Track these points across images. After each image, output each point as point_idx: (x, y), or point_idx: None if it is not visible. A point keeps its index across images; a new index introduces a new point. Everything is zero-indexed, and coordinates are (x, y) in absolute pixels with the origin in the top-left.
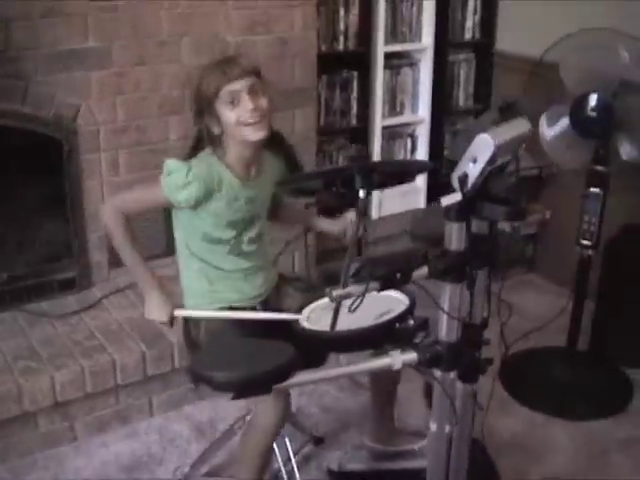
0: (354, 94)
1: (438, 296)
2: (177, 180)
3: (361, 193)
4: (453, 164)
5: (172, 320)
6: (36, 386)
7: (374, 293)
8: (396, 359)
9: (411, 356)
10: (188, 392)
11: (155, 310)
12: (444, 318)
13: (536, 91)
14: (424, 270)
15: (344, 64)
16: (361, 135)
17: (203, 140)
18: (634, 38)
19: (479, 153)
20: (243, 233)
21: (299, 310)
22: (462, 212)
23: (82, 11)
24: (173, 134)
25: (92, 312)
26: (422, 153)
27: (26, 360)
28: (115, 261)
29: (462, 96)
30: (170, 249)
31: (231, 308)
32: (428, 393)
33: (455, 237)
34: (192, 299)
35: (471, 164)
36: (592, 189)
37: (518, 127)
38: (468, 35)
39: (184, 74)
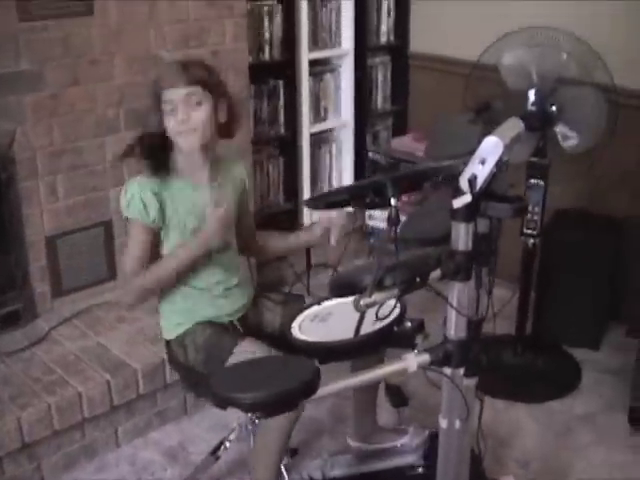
0: (281, 102)
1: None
2: (137, 201)
3: (392, 201)
4: (380, 166)
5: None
6: (3, 429)
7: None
8: (411, 362)
9: (424, 357)
10: (152, 418)
11: (210, 240)
12: (453, 316)
13: (477, 92)
14: (437, 272)
15: (270, 73)
16: (290, 143)
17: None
18: (571, 35)
19: (488, 155)
20: None
21: (287, 322)
22: (470, 213)
23: (12, 32)
24: (110, 155)
25: (43, 345)
26: (347, 157)
27: None
28: (57, 290)
29: (380, 99)
30: (112, 273)
31: (210, 323)
32: (391, 392)
33: (462, 237)
34: (172, 319)
35: (480, 166)
36: (533, 180)
37: (515, 127)
38: (384, 39)
39: (118, 93)
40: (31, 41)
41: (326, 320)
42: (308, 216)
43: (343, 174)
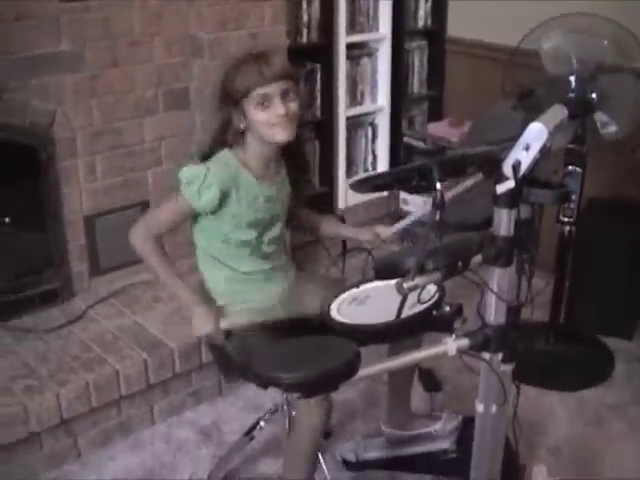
0: (317, 86)
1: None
2: (197, 187)
3: (438, 185)
4: (417, 150)
5: (221, 331)
6: (42, 405)
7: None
8: (450, 346)
9: (463, 342)
10: (187, 397)
11: (202, 324)
12: (492, 302)
13: (516, 78)
14: (478, 257)
15: (307, 57)
16: (326, 127)
17: (226, 132)
18: (612, 21)
19: (532, 141)
20: (264, 234)
21: (326, 305)
22: (513, 198)
23: (54, 13)
24: (148, 135)
25: (81, 324)
26: (383, 141)
27: (25, 379)
28: (95, 269)
29: (416, 83)
30: None
31: (251, 310)
32: (424, 376)
33: (504, 223)
34: (219, 301)
35: (524, 152)
36: (571, 167)
37: (559, 113)
38: (421, 23)
39: (157, 74)
40: (72, 22)
41: (364, 303)
42: (343, 200)
43: (378, 158)
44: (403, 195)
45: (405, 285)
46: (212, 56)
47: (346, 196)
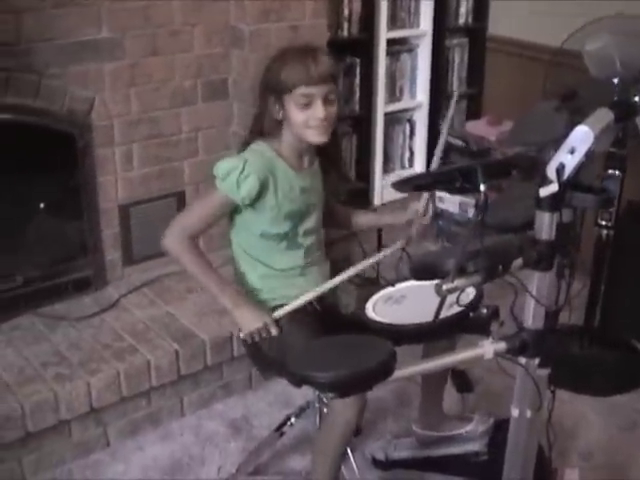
0: (356, 80)
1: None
2: (235, 178)
3: (482, 187)
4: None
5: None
6: (72, 393)
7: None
8: (487, 349)
9: (500, 345)
10: (217, 390)
11: (253, 320)
12: (531, 306)
13: (558, 78)
14: (519, 261)
15: (347, 51)
16: (364, 122)
17: (263, 120)
18: None
19: (578, 144)
20: (299, 225)
21: (362, 303)
22: (555, 202)
23: (94, 1)
24: (185, 126)
25: (113, 312)
26: (420, 138)
27: (56, 366)
28: (128, 258)
29: (456, 81)
30: None
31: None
32: (456, 377)
33: (546, 227)
34: (252, 295)
35: (569, 155)
36: (611, 171)
37: (605, 117)
38: (462, 20)
39: (196, 64)
40: (113, 10)
41: (400, 302)
42: (379, 196)
43: (415, 155)
44: (439, 193)
45: (444, 287)
46: (252, 48)
47: (382, 192)
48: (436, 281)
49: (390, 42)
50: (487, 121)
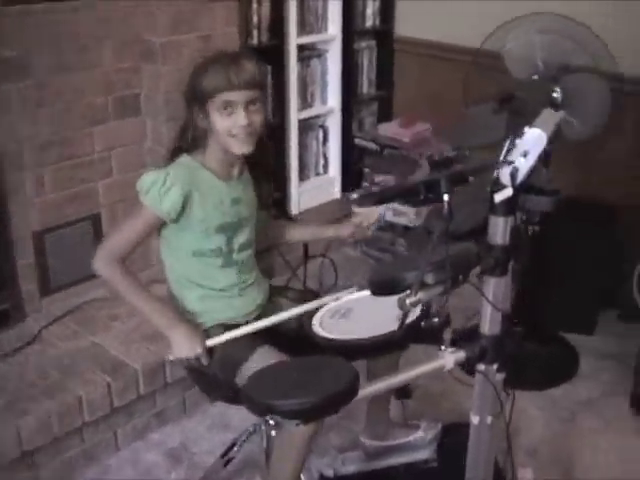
0: (268, 89)
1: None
2: (157, 190)
3: (445, 197)
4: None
5: (206, 351)
6: (0, 438)
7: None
8: (447, 359)
9: (460, 354)
10: (151, 419)
11: (186, 345)
12: (488, 312)
13: (477, 80)
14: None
15: (258, 59)
16: (278, 130)
17: (188, 130)
18: (574, 22)
19: (531, 147)
20: (233, 239)
21: (307, 320)
22: (510, 206)
23: None
24: (98, 145)
25: (35, 347)
26: (334, 143)
27: None
28: (46, 288)
29: (366, 84)
30: None
31: (225, 326)
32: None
33: (501, 231)
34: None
35: (522, 159)
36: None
37: (552, 117)
38: (369, 22)
39: (106, 80)
40: (16, 27)
41: (347, 316)
42: (296, 204)
43: (330, 161)
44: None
45: (408, 301)
46: (164, 60)
47: (299, 201)
48: (398, 296)
49: (300, 48)
50: (399, 123)
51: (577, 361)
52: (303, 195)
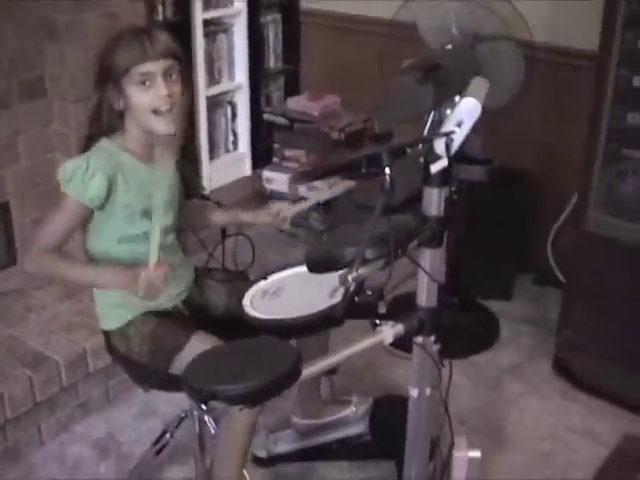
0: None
1: None
2: (80, 178)
3: (387, 170)
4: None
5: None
6: None
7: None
8: (387, 333)
9: (399, 328)
10: (75, 411)
11: (121, 276)
12: (425, 284)
13: (393, 51)
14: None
15: None
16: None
17: (102, 114)
18: None
19: (466, 117)
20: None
21: (237, 301)
22: (444, 177)
23: None
24: (3, 131)
25: None
26: (243, 120)
27: None
28: None
29: (272, 58)
30: (12, 259)
31: (155, 313)
32: None
33: (435, 203)
34: (111, 309)
35: (457, 128)
36: None
37: (483, 86)
38: None
39: (8, 61)
40: None
41: (279, 295)
42: (207, 183)
43: (239, 137)
44: (266, 174)
45: (349, 277)
46: (69, 39)
47: (210, 179)
48: (339, 272)
49: (206, 23)
50: (308, 96)
51: (497, 327)
52: (214, 174)
